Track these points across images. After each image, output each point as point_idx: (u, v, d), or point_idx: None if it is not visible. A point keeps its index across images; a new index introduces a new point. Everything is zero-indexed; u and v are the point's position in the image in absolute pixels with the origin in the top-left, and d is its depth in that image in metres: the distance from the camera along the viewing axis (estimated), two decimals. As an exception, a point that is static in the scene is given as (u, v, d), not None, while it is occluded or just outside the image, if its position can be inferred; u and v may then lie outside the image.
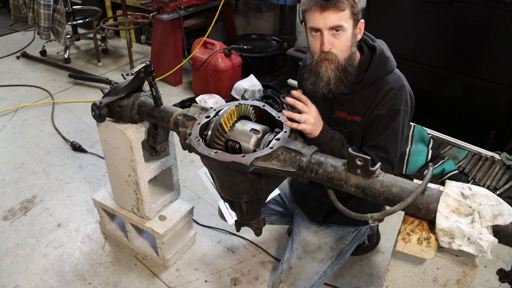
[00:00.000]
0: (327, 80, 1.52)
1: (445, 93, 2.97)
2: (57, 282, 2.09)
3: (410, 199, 1.19)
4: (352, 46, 1.51)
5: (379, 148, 1.56)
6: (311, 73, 1.56)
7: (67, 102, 3.68)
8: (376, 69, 1.56)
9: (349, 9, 1.44)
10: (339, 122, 1.65)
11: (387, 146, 1.56)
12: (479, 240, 1.09)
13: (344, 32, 1.47)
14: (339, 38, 1.47)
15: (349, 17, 1.46)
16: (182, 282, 2.11)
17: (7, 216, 2.48)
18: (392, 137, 1.56)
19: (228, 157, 1.31)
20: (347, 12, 1.44)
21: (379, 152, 1.55)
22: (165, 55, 3.87)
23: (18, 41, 4.86)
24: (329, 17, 1.43)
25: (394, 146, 1.57)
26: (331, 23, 1.44)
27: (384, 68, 1.57)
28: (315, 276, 1.78)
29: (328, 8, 1.42)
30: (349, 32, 1.48)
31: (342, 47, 1.49)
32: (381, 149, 1.56)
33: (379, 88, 1.56)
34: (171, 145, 2.04)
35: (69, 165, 2.91)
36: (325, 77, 1.51)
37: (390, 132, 1.55)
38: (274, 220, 2.13)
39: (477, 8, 2.61)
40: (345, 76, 1.52)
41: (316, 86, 1.55)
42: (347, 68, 1.51)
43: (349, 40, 1.49)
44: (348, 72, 1.52)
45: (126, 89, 1.82)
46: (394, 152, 1.57)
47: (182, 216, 2.14)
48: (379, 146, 1.56)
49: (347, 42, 1.49)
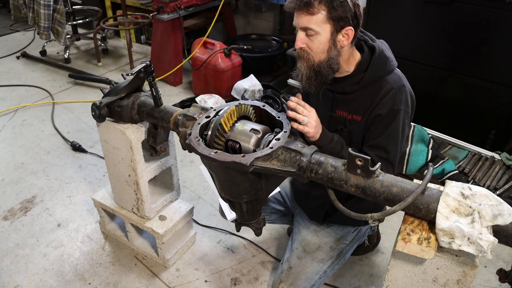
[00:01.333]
0: (300, 76, 1.59)
1: (445, 93, 2.97)
2: (57, 282, 2.09)
3: (410, 199, 1.19)
4: (331, 50, 1.52)
5: (379, 148, 1.56)
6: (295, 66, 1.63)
7: (67, 102, 3.68)
8: (375, 69, 1.57)
9: (325, 14, 1.45)
10: (339, 121, 1.66)
11: (387, 146, 1.56)
12: (479, 240, 1.09)
13: (317, 35, 1.48)
14: (313, 40, 1.50)
15: (324, 21, 1.46)
16: (182, 282, 2.11)
17: (7, 216, 2.48)
18: (392, 137, 1.56)
19: (228, 157, 1.31)
20: (320, 17, 1.45)
21: (379, 152, 1.56)
22: (165, 55, 3.87)
23: (18, 41, 4.86)
24: (300, 17, 1.48)
25: (394, 146, 1.57)
26: (301, 24, 1.49)
27: (384, 68, 1.58)
28: (315, 276, 1.78)
29: (300, 10, 1.46)
30: (324, 37, 1.49)
31: (315, 49, 1.52)
32: (381, 149, 1.56)
33: (379, 88, 1.57)
34: (171, 145, 2.04)
35: (69, 165, 2.91)
36: (300, 73, 1.59)
37: (390, 132, 1.55)
38: (275, 219, 2.13)
39: (477, 8, 2.61)
40: (315, 77, 1.56)
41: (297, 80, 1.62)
42: (321, 70, 1.54)
43: (324, 44, 1.50)
44: (321, 74, 1.55)
45: (126, 89, 1.82)
46: (394, 152, 1.57)
47: (182, 216, 2.14)
48: (379, 146, 1.56)
49: (320, 45, 1.50)
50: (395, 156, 1.58)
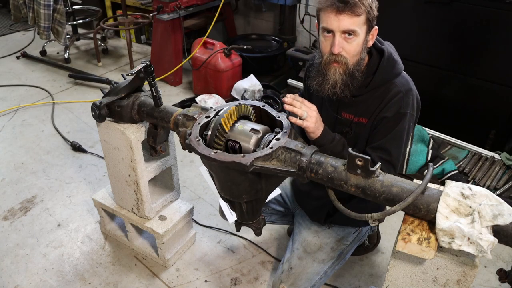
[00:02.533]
0: (333, 83, 1.52)
1: (445, 93, 2.97)
2: (57, 282, 2.09)
3: (410, 199, 1.19)
4: (362, 51, 1.51)
5: (382, 149, 1.56)
6: (318, 73, 1.56)
7: (67, 102, 3.68)
8: (384, 72, 1.56)
9: (365, 15, 1.44)
10: (345, 123, 1.65)
11: (391, 148, 1.55)
12: (479, 240, 1.09)
13: (357, 37, 1.46)
14: (351, 43, 1.47)
15: (364, 23, 1.45)
16: (182, 282, 2.11)
17: (7, 216, 2.48)
18: (396, 140, 1.56)
19: (228, 157, 1.31)
20: (363, 18, 1.44)
21: (382, 154, 1.55)
22: (165, 55, 3.87)
23: (18, 41, 4.86)
24: (344, 20, 1.42)
25: (397, 148, 1.56)
26: (344, 27, 1.44)
27: (392, 71, 1.57)
28: (316, 277, 1.78)
29: (344, 12, 1.41)
30: (361, 38, 1.47)
31: (352, 52, 1.48)
32: (384, 151, 1.56)
33: (386, 91, 1.56)
34: (171, 145, 2.04)
35: (69, 165, 2.91)
36: (332, 79, 1.51)
37: (394, 134, 1.55)
38: (275, 220, 2.13)
39: (477, 8, 2.61)
40: (351, 81, 1.52)
41: (321, 87, 1.55)
42: (355, 73, 1.51)
43: (360, 45, 1.48)
44: (355, 77, 1.52)
45: (126, 89, 1.82)
46: (397, 154, 1.57)
47: (182, 216, 2.14)
48: (383, 148, 1.56)
49: (357, 48, 1.48)
50: (398, 159, 1.58)
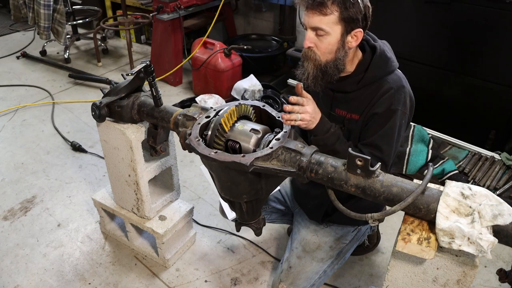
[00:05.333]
0: (306, 75, 1.57)
1: (445, 93, 2.97)
2: (57, 282, 2.09)
3: (410, 199, 1.19)
4: (339, 51, 1.52)
5: (373, 146, 1.57)
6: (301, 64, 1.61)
7: (67, 102, 3.68)
8: (375, 69, 1.57)
9: (338, 15, 1.45)
10: (338, 120, 1.66)
11: (382, 145, 1.56)
12: (479, 240, 1.09)
13: (327, 36, 1.48)
14: (322, 40, 1.50)
15: (336, 22, 1.46)
16: (182, 282, 2.11)
17: (7, 216, 2.48)
18: (387, 136, 1.56)
19: (228, 157, 1.31)
20: (333, 17, 1.45)
21: (373, 150, 1.56)
22: (165, 55, 3.87)
23: (18, 41, 4.86)
24: (312, 17, 1.47)
25: (388, 145, 1.57)
26: (312, 24, 1.48)
27: (385, 68, 1.58)
28: (315, 276, 1.78)
29: (312, 9, 1.45)
30: (334, 38, 1.49)
31: (323, 49, 1.51)
32: (375, 147, 1.56)
33: (378, 87, 1.57)
34: (171, 145, 2.04)
35: (69, 165, 2.91)
36: (306, 71, 1.57)
37: (385, 131, 1.56)
38: (275, 219, 2.13)
39: (477, 8, 2.61)
40: (322, 77, 1.56)
41: (301, 77, 1.61)
42: (327, 70, 1.54)
43: (333, 45, 1.50)
44: (327, 74, 1.55)
45: (126, 89, 1.82)
46: (388, 151, 1.57)
47: (182, 216, 2.14)
48: (374, 144, 1.57)
49: (329, 46, 1.50)
50: (389, 155, 1.58)
